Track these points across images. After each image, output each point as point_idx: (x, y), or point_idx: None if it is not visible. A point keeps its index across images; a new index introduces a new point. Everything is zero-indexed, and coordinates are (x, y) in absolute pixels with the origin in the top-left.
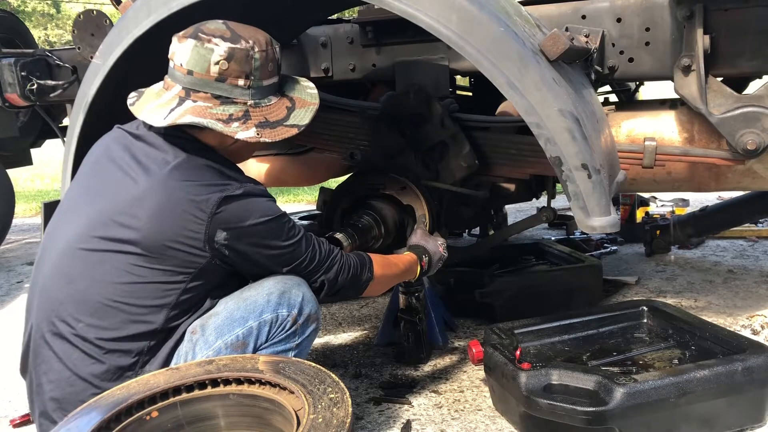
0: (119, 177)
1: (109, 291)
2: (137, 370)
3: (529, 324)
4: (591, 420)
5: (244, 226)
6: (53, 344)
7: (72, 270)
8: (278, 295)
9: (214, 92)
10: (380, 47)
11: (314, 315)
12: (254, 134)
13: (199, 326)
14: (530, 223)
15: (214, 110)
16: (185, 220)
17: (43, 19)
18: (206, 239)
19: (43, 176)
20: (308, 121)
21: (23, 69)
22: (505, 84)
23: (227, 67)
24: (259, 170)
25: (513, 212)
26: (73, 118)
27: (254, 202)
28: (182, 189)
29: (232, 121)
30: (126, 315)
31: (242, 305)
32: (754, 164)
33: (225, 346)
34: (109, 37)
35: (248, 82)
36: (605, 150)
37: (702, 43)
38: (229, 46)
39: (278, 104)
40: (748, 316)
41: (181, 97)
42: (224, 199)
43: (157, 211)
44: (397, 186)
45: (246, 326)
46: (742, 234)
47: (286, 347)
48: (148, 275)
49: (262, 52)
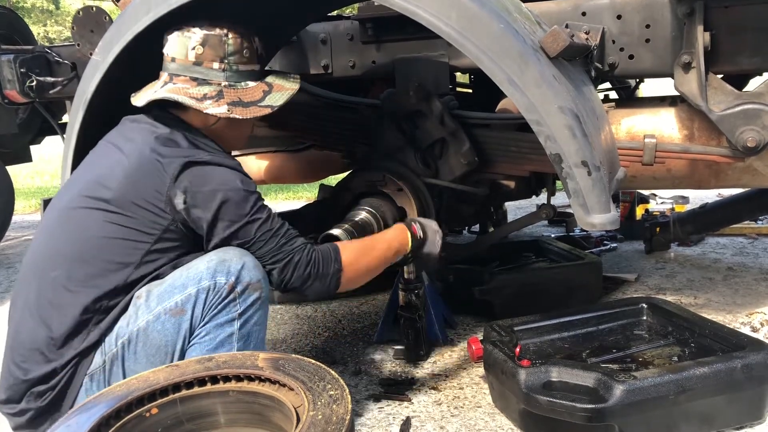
0: (108, 151)
1: (81, 244)
2: (90, 327)
3: (529, 321)
4: (590, 417)
5: (203, 191)
6: (33, 300)
7: (56, 228)
8: (217, 263)
9: (192, 75)
10: (380, 44)
11: (256, 283)
12: (225, 110)
13: (145, 291)
14: (530, 221)
15: (190, 90)
16: (151, 181)
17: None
18: (167, 200)
19: (43, 173)
20: (283, 102)
21: (22, 66)
22: (505, 81)
23: (202, 51)
24: (258, 167)
25: (513, 209)
26: (73, 115)
27: (218, 171)
28: (154, 153)
29: (206, 99)
30: (93, 269)
31: (185, 273)
32: (754, 161)
33: (164, 312)
34: (108, 33)
35: (223, 66)
36: (605, 147)
37: (702, 40)
38: (204, 33)
39: (255, 88)
40: (747, 313)
41: (165, 81)
42: (188, 164)
43: (130, 171)
44: (394, 187)
45: (185, 293)
46: (742, 231)
47: (228, 317)
48: (117, 232)
49: (236, 38)
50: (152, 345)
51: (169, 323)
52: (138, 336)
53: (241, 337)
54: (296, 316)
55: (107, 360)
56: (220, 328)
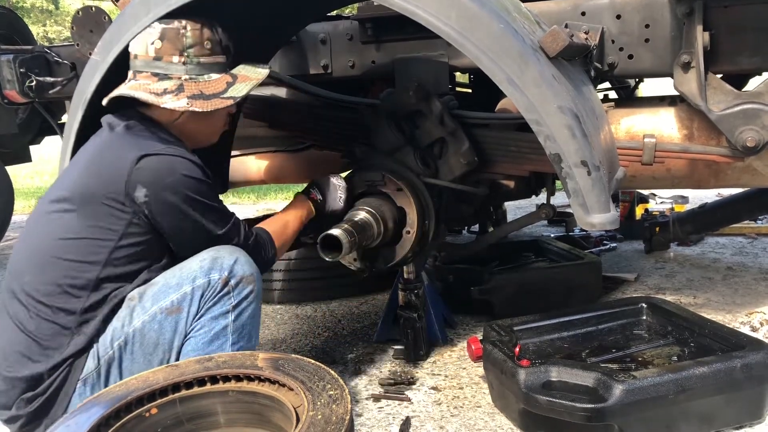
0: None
1: (48, 246)
2: (73, 330)
3: (529, 321)
4: (590, 417)
5: (162, 184)
6: (9, 306)
7: (28, 233)
8: (210, 261)
9: (153, 71)
10: (380, 44)
11: (249, 276)
12: (185, 104)
13: (138, 294)
14: (529, 220)
15: (151, 86)
16: (108, 176)
17: (42, 16)
18: (126, 194)
19: (43, 173)
20: (245, 93)
21: (22, 66)
22: (505, 81)
23: (161, 45)
24: (258, 167)
25: (512, 209)
26: (72, 115)
27: (174, 161)
28: (111, 148)
29: (166, 94)
30: (62, 270)
31: (178, 273)
32: (754, 161)
33: (160, 311)
34: (108, 33)
35: (182, 59)
36: (605, 147)
37: (702, 40)
38: (162, 27)
39: (218, 80)
40: (747, 313)
41: (130, 79)
42: (144, 156)
43: (83, 169)
44: (393, 186)
45: (180, 291)
46: (742, 231)
47: (223, 310)
48: (80, 231)
49: (195, 30)
50: (150, 344)
51: (165, 322)
52: (135, 336)
53: (235, 329)
54: (296, 316)
55: (102, 363)
56: (215, 320)
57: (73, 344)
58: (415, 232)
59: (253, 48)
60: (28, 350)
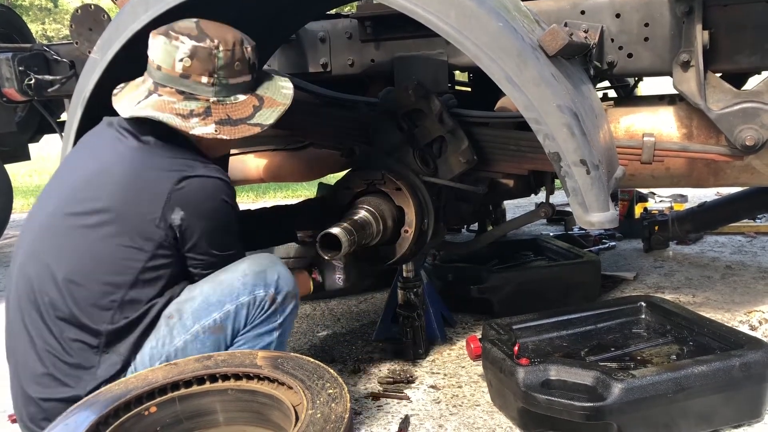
0: (91, 156)
1: (73, 264)
2: (101, 348)
3: (528, 319)
4: (589, 415)
5: (200, 208)
6: (27, 320)
7: (43, 243)
8: (254, 276)
9: (178, 88)
10: (379, 42)
11: (292, 292)
12: (212, 131)
13: (176, 311)
14: (529, 219)
15: (176, 105)
16: (148, 196)
17: (40, 14)
18: (162, 216)
19: (41, 171)
20: (273, 121)
21: (21, 64)
22: (504, 79)
23: (190, 64)
24: (257, 165)
25: (511, 208)
26: (71, 113)
27: (215, 185)
28: (150, 165)
29: (192, 117)
30: (86, 292)
31: (218, 288)
32: (753, 160)
33: (203, 330)
34: (106, 31)
35: (212, 80)
36: (604, 146)
37: (701, 38)
38: (193, 45)
39: (245, 102)
40: (745, 311)
41: (150, 90)
42: (185, 179)
43: (121, 184)
44: (392, 185)
45: (223, 310)
46: (741, 230)
47: (269, 327)
48: (109, 249)
49: (227, 51)
50: None
51: (208, 341)
52: (177, 355)
53: (278, 345)
54: None
55: None
56: (260, 338)
57: (107, 363)
58: (413, 230)
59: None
60: (56, 370)
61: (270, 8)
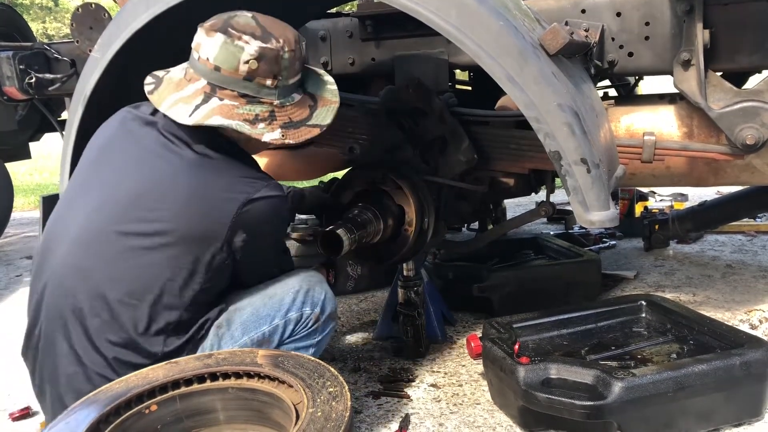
0: (130, 163)
1: (127, 284)
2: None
3: (528, 318)
4: (589, 414)
5: (261, 229)
6: (72, 337)
7: (87, 263)
8: (304, 294)
9: (240, 91)
10: (379, 41)
11: (334, 313)
12: (279, 136)
13: (225, 321)
14: (529, 218)
15: (240, 110)
16: (209, 221)
17: (41, 12)
18: (225, 239)
19: (42, 170)
20: (330, 120)
21: (22, 62)
22: (505, 78)
23: (257, 66)
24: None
25: (512, 207)
26: (72, 112)
27: (277, 205)
28: (209, 185)
29: (259, 122)
30: (140, 313)
31: (269, 302)
32: (753, 159)
33: (251, 342)
34: (107, 30)
35: (275, 82)
36: (604, 144)
37: (701, 37)
38: (260, 46)
39: (301, 103)
40: (746, 310)
41: (207, 92)
42: (251, 201)
43: (183, 206)
44: (393, 184)
45: (272, 324)
46: (741, 229)
47: (307, 344)
48: (168, 272)
49: (291, 51)
50: None
51: None
52: None
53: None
54: None
55: None
56: (297, 351)
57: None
58: (414, 229)
59: None
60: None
61: (270, 7)
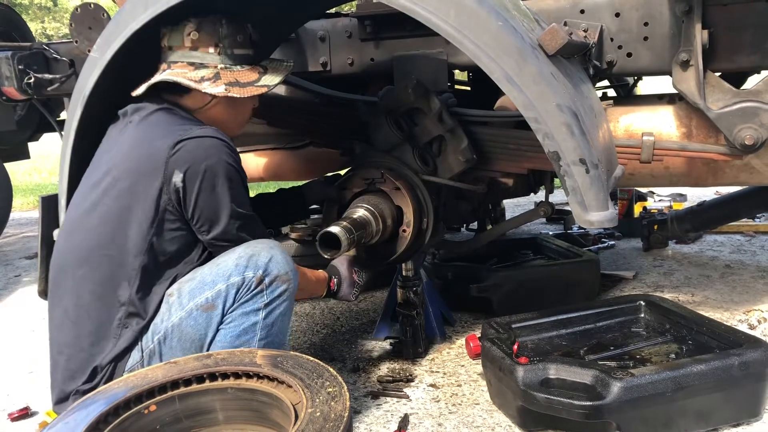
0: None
1: (95, 240)
2: (123, 321)
3: (527, 318)
4: (588, 414)
5: (197, 167)
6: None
7: (71, 226)
8: (246, 258)
9: (189, 60)
10: (378, 41)
11: (284, 275)
12: (223, 90)
13: (176, 290)
14: (528, 218)
15: (188, 74)
16: (148, 160)
17: (40, 12)
18: (165, 177)
19: (41, 170)
20: (278, 81)
21: (20, 62)
22: (504, 78)
23: (198, 36)
24: (257, 164)
25: (511, 207)
26: (71, 112)
27: (212, 143)
28: (148, 134)
29: (203, 81)
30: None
31: (214, 270)
32: (752, 159)
33: (196, 307)
34: (106, 30)
35: (218, 50)
36: (603, 145)
37: (700, 38)
38: (199, 19)
39: (250, 70)
40: (744, 310)
41: (164, 69)
42: (181, 140)
43: (125, 153)
44: (391, 185)
45: (215, 289)
46: (740, 229)
47: (255, 307)
48: (121, 222)
49: (229, 24)
50: (186, 339)
51: (201, 318)
52: (173, 331)
53: (264, 326)
54: (294, 313)
55: (146, 356)
56: (246, 316)
57: (125, 338)
58: (412, 229)
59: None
60: (89, 347)
61: (270, 7)
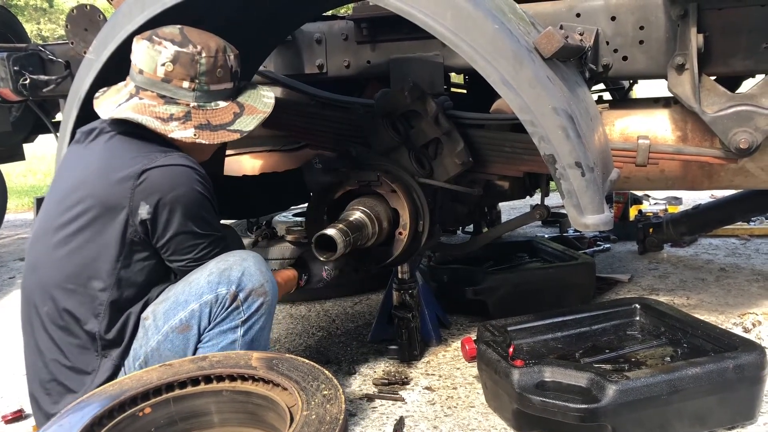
0: (71, 165)
1: (62, 274)
2: (99, 352)
3: (522, 321)
4: (583, 417)
5: (165, 199)
6: (34, 328)
7: (36, 259)
8: (218, 274)
9: (159, 92)
10: (375, 44)
11: (259, 288)
12: (191, 134)
13: (151, 312)
14: (524, 221)
15: (156, 108)
16: (111, 194)
17: (35, 14)
18: (130, 209)
19: (36, 171)
20: (252, 128)
21: (16, 64)
22: (500, 81)
23: (172, 69)
24: (253, 166)
25: (507, 210)
26: (66, 114)
27: (178, 172)
28: (111, 160)
29: (172, 120)
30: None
31: (186, 288)
32: (747, 163)
33: (171, 330)
34: (102, 32)
35: (193, 85)
36: (599, 148)
37: (696, 41)
38: (176, 50)
39: (225, 109)
40: (739, 314)
41: (132, 93)
42: (144, 171)
43: (93, 180)
44: (388, 187)
45: (188, 309)
46: (735, 232)
47: (232, 325)
48: (90, 250)
49: (209, 57)
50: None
51: (177, 340)
52: (152, 356)
53: (244, 343)
54: (290, 315)
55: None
56: (223, 335)
57: (104, 368)
58: (408, 232)
59: (248, 47)
60: (66, 379)
61: (266, 9)
